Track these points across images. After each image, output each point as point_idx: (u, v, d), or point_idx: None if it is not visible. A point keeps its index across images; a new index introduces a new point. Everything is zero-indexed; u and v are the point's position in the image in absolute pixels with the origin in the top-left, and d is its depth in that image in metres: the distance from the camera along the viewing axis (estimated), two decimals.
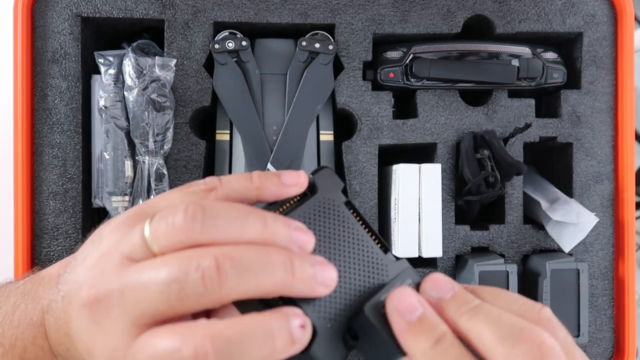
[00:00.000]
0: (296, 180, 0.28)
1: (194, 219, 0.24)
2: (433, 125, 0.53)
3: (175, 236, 0.24)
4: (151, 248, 0.25)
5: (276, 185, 0.28)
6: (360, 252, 0.29)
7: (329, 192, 0.29)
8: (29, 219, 0.49)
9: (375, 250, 0.29)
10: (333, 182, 0.29)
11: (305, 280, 0.25)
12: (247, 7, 0.51)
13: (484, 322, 0.25)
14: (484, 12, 0.53)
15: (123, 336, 0.24)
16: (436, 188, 0.49)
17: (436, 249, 0.49)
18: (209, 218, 0.24)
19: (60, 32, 0.50)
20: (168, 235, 0.24)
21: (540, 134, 0.53)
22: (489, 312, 0.25)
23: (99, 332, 0.25)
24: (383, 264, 0.29)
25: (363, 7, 0.52)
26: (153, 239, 0.25)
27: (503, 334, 0.24)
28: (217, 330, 0.23)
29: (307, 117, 0.50)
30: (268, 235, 0.25)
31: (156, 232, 0.25)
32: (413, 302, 0.26)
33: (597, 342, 0.53)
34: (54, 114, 0.50)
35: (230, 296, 0.24)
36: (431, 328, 0.25)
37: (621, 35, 0.53)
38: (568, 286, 0.50)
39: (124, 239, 0.26)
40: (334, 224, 0.29)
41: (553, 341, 0.24)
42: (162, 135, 0.49)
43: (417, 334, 0.25)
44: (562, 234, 0.51)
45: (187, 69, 0.51)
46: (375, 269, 0.29)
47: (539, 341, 0.23)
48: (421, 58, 0.52)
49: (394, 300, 0.26)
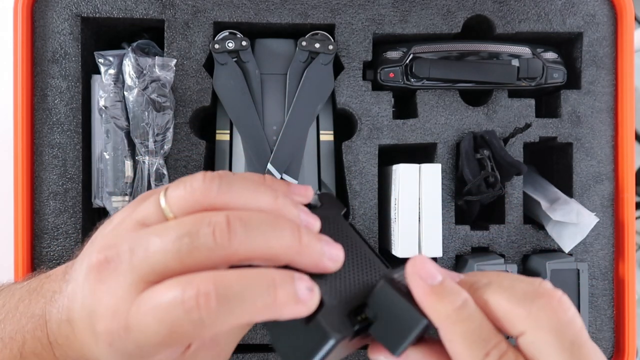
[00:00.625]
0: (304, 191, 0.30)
1: (212, 182, 0.26)
2: (433, 125, 0.53)
3: (192, 197, 0.26)
4: (166, 214, 0.26)
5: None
6: (362, 262, 0.29)
7: (332, 209, 0.31)
8: (29, 219, 0.49)
9: (375, 262, 0.30)
10: (336, 205, 0.31)
11: (312, 249, 0.26)
12: (247, 7, 0.51)
13: (498, 292, 0.26)
14: (484, 12, 0.53)
15: (128, 292, 0.25)
16: (436, 188, 0.49)
17: (436, 249, 0.49)
18: (226, 183, 0.26)
19: (60, 32, 0.50)
20: (185, 197, 0.26)
21: (540, 134, 0.53)
22: (500, 283, 0.26)
23: (104, 291, 0.25)
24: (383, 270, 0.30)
25: (363, 7, 0.52)
26: (169, 205, 0.26)
27: (520, 296, 0.25)
28: (221, 275, 0.24)
29: (307, 117, 0.50)
30: (278, 206, 0.27)
31: (172, 197, 0.26)
32: (433, 268, 0.26)
33: (597, 342, 0.53)
34: (54, 114, 0.50)
35: (239, 253, 0.24)
36: (454, 292, 0.26)
37: (621, 35, 0.53)
38: (568, 286, 0.50)
39: (137, 209, 0.27)
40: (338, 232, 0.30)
41: (566, 296, 0.26)
42: (162, 135, 0.49)
43: (441, 297, 0.25)
44: (562, 234, 0.51)
45: (187, 69, 0.51)
46: (377, 271, 0.29)
47: (555, 295, 0.25)
48: (421, 58, 0.52)
49: (415, 266, 0.26)
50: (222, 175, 0.26)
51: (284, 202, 0.27)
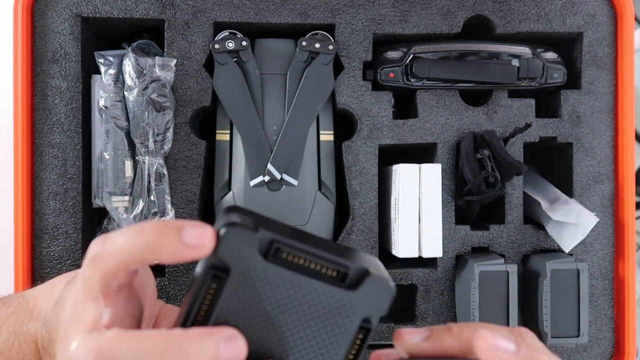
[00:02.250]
0: (200, 239, 0.23)
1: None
2: (433, 125, 0.53)
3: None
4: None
5: (174, 245, 0.23)
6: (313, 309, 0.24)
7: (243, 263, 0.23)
8: (29, 219, 0.49)
9: (328, 293, 0.24)
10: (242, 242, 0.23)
11: None
12: (247, 7, 0.51)
13: None
14: (484, 12, 0.53)
15: None
16: (436, 188, 0.49)
17: (436, 249, 0.49)
18: None
19: (60, 32, 0.50)
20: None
21: (540, 134, 0.53)
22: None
23: None
24: (344, 303, 0.24)
25: (363, 7, 0.52)
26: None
27: None
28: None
29: (307, 117, 0.50)
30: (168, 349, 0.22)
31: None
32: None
33: (597, 342, 0.53)
34: (54, 114, 0.50)
35: None
36: None
37: (621, 35, 0.53)
38: (568, 286, 0.50)
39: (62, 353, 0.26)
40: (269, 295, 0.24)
41: None
42: (162, 135, 0.49)
43: None
44: (562, 234, 0.51)
45: (187, 69, 0.51)
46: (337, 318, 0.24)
47: None
48: (421, 58, 0.52)
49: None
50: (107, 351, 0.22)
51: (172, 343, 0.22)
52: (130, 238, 0.23)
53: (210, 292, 0.24)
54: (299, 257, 0.24)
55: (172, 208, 0.50)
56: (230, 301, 0.24)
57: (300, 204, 0.50)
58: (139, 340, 0.22)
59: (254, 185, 0.50)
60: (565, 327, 0.50)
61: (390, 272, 0.52)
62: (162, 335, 0.22)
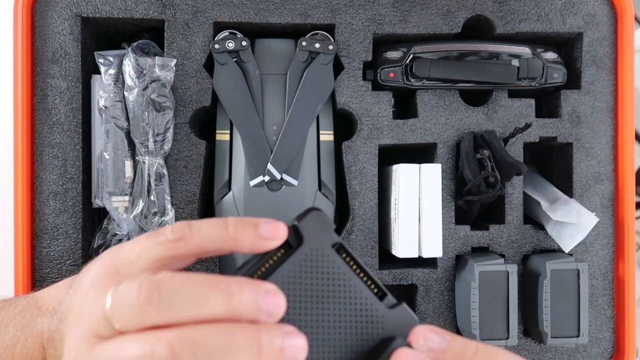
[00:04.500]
0: (274, 233, 0.26)
1: (149, 302, 0.23)
2: (433, 125, 0.53)
3: (132, 318, 0.24)
4: (113, 325, 0.24)
5: (253, 237, 0.26)
6: (352, 305, 0.27)
7: (317, 240, 0.27)
8: (29, 219, 0.49)
9: (369, 300, 0.28)
10: (322, 226, 0.27)
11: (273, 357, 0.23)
12: (247, 7, 0.51)
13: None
14: (484, 12, 0.53)
15: None
16: (436, 188, 0.49)
17: (436, 249, 0.49)
18: (165, 299, 0.23)
19: (60, 32, 0.50)
20: (125, 317, 0.24)
21: (540, 134, 0.53)
22: None
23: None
24: (378, 314, 0.28)
25: (363, 7, 0.52)
26: (113, 317, 0.24)
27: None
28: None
29: (307, 117, 0.50)
30: (232, 309, 0.23)
31: (114, 312, 0.24)
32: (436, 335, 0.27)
33: (597, 342, 0.53)
34: (54, 114, 0.50)
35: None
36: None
37: (621, 35, 0.53)
38: (568, 286, 0.50)
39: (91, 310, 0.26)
40: (323, 277, 0.27)
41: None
42: (162, 135, 0.49)
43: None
44: (562, 234, 0.51)
45: (187, 69, 0.51)
46: (368, 322, 0.27)
47: None
48: (421, 58, 0.52)
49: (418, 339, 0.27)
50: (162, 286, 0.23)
51: (239, 299, 0.24)
52: (216, 229, 0.26)
53: (274, 258, 0.27)
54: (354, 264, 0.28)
55: (172, 208, 0.50)
56: (287, 271, 0.26)
57: (300, 204, 0.50)
58: (189, 276, 0.24)
59: (254, 185, 0.50)
60: (565, 327, 0.50)
61: (390, 272, 0.52)
62: (211, 275, 0.24)
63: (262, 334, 0.23)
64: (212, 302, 0.23)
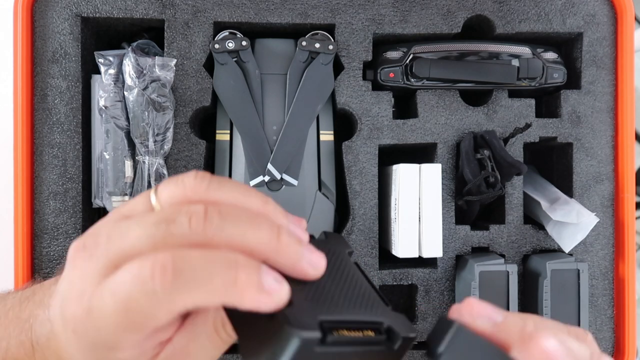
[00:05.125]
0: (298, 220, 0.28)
1: (203, 179, 0.26)
2: (433, 125, 0.53)
3: (181, 193, 0.26)
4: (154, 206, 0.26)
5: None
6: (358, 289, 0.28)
7: (337, 246, 0.30)
8: (29, 219, 0.49)
9: (374, 297, 0.29)
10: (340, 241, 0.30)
11: (290, 249, 0.25)
12: (247, 7, 0.51)
13: None
14: (484, 12, 0.53)
15: (97, 275, 0.25)
16: (436, 188, 0.49)
17: (436, 249, 0.49)
18: (216, 182, 0.26)
19: (60, 32, 0.50)
20: (174, 193, 0.26)
21: (540, 134, 0.53)
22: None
23: (77, 276, 0.25)
24: (380, 307, 0.28)
25: (363, 7, 0.52)
26: (158, 200, 0.26)
27: None
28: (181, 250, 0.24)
29: (307, 117, 0.50)
30: (267, 210, 0.26)
31: (162, 193, 0.26)
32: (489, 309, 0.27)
33: (597, 342, 0.53)
34: (54, 114, 0.50)
35: (213, 242, 0.24)
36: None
37: (621, 35, 0.53)
38: (568, 286, 0.50)
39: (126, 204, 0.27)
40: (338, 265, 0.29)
41: None
42: (162, 135, 0.49)
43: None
44: (562, 234, 0.51)
45: (187, 69, 0.51)
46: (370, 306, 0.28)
47: None
48: (421, 58, 0.52)
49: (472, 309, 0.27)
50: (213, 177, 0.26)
51: (274, 209, 0.26)
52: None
53: None
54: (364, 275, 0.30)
55: None
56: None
57: (301, 204, 0.50)
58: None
59: (254, 185, 0.50)
60: None
61: (390, 272, 0.52)
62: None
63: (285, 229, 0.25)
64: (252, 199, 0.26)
